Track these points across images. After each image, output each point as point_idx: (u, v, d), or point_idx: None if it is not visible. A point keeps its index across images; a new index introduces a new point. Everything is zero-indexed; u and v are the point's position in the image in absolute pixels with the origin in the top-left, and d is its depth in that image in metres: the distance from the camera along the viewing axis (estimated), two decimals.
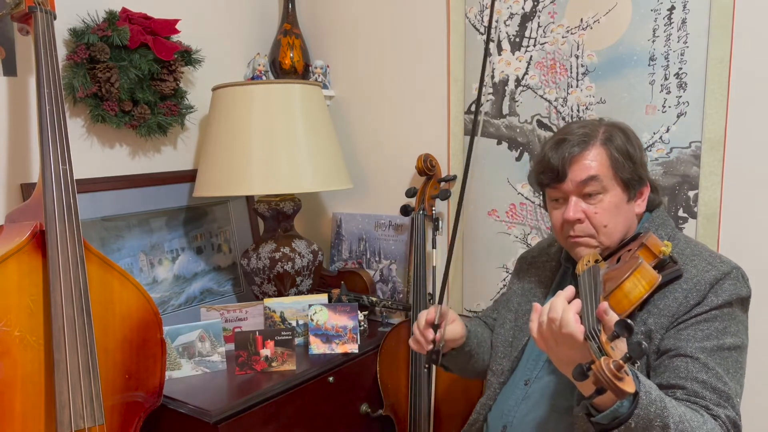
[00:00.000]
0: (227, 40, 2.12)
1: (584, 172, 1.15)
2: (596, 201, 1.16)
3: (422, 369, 1.75)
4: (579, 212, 1.16)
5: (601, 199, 1.16)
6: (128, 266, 1.77)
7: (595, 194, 1.16)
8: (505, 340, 1.35)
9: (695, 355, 1.04)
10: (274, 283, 1.89)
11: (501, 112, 1.80)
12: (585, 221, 1.17)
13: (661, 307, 1.09)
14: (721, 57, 1.45)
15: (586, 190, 1.15)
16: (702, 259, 1.13)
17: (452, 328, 1.29)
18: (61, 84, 1.34)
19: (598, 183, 1.15)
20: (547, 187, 1.21)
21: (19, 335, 1.21)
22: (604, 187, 1.15)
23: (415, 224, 1.87)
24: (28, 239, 1.24)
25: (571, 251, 1.22)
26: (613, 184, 1.16)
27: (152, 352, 1.42)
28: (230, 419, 1.44)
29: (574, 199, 1.17)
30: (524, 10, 1.72)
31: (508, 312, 1.39)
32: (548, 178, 1.19)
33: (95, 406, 1.25)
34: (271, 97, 1.78)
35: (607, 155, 1.15)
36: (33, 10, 1.35)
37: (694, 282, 1.09)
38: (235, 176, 1.76)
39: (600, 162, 1.15)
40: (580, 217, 1.16)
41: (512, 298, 1.40)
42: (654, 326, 1.09)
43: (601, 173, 1.15)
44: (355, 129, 2.18)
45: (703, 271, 1.10)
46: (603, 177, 1.15)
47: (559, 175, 1.16)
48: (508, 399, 1.28)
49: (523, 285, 1.40)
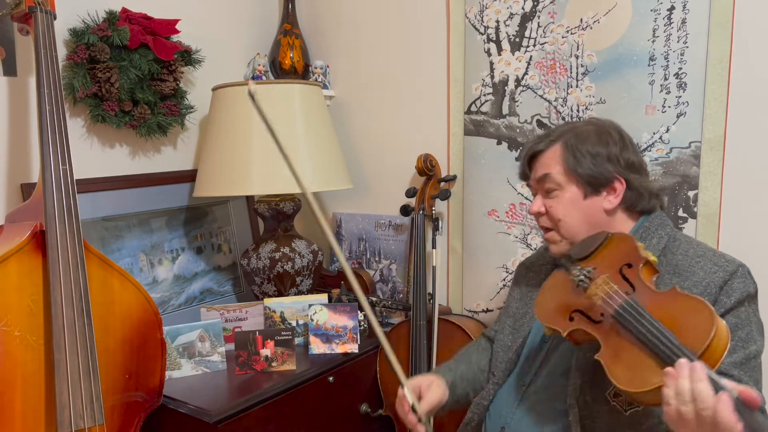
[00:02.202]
0: (227, 40, 2.12)
1: (540, 170, 1.24)
2: (553, 197, 1.23)
3: (422, 369, 1.75)
4: (540, 206, 1.25)
5: (556, 195, 1.22)
6: (128, 266, 1.78)
7: (552, 191, 1.23)
8: (505, 345, 1.36)
9: (729, 372, 1.03)
10: (274, 283, 1.89)
11: (501, 112, 1.80)
12: (545, 215, 1.25)
13: None
14: (721, 57, 1.45)
15: (544, 187, 1.24)
16: (707, 260, 1.13)
17: (431, 396, 1.26)
18: (61, 84, 1.34)
19: (552, 180, 1.22)
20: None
21: (19, 335, 1.21)
22: (558, 184, 1.21)
23: (415, 224, 1.87)
24: (28, 239, 1.24)
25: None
26: (566, 180, 1.21)
27: (152, 352, 1.42)
28: (230, 419, 1.44)
29: (539, 195, 1.26)
30: (524, 10, 1.72)
31: (507, 317, 1.40)
32: (520, 176, 1.32)
33: (95, 406, 1.25)
34: (271, 98, 1.78)
35: (563, 154, 1.21)
36: (33, 10, 1.35)
37: (703, 285, 1.09)
38: (235, 176, 1.76)
39: (554, 161, 1.22)
40: (540, 210, 1.25)
41: (511, 304, 1.42)
42: None
43: (553, 172, 1.21)
44: (355, 129, 2.18)
45: (710, 273, 1.10)
46: (555, 174, 1.21)
47: (524, 173, 1.29)
48: (506, 400, 1.28)
49: (521, 290, 1.41)
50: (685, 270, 1.13)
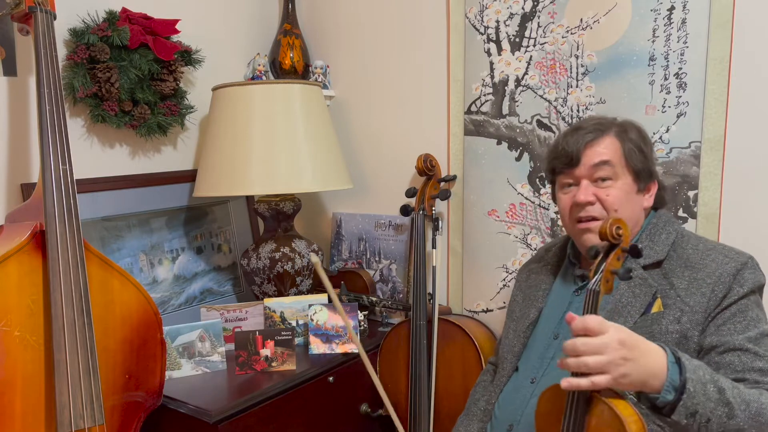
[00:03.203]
0: (227, 40, 2.12)
1: (597, 157, 1.18)
2: (607, 185, 1.18)
3: (422, 369, 1.75)
4: (590, 195, 1.18)
5: (611, 184, 1.18)
6: (128, 266, 1.78)
7: (607, 179, 1.18)
8: (511, 349, 1.35)
9: (744, 347, 1.07)
10: (274, 283, 1.89)
11: (501, 112, 1.80)
12: (596, 203, 1.19)
13: (691, 305, 1.12)
14: (721, 57, 1.45)
15: (598, 174, 1.18)
16: (718, 252, 1.16)
17: None
18: (61, 84, 1.34)
19: (610, 168, 1.18)
20: (560, 174, 1.24)
21: (19, 335, 1.21)
22: (615, 173, 1.18)
23: (415, 224, 1.87)
24: (28, 239, 1.24)
25: (579, 238, 1.23)
26: (624, 171, 1.19)
27: (152, 352, 1.42)
28: (230, 419, 1.44)
29: (585, 182, 1.19)
30: (524, 10, 1.72)
31: (510, 321, 1.41)
32: (562, 163, 1.22)
33: (95, 406, 1.25)
34: (271, 97, 1.78)
35: (620, 144, 1.19)
36: (33, 10, 1.35)
37: (717, 275, 1.12)
38: (235, 176, 1.76)
39: (613, 149, 1.19)
40: (591, 200, 1.18)
41: (514, 308, 1.42)
42: (689, 324, 1.11)
43: (613, 159, 1.18)
44: (355, 129, 2.18)
45: (722, 264, 1.14)
46: (615, 163, 1.18)
47: (573, 159, 1.19)
48: (514, 398, 1.28)
49: (523, 293, 1.42)
50: (697, 263, 1.16)
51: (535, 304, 1.35)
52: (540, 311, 1.34)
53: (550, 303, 1.34)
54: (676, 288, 1.15)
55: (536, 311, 1.34)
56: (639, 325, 1.14)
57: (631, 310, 1.16)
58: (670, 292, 1.15)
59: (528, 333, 1.33)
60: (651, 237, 1.22)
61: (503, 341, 1.41)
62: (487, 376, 1.52)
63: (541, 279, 1.38)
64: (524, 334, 1.33)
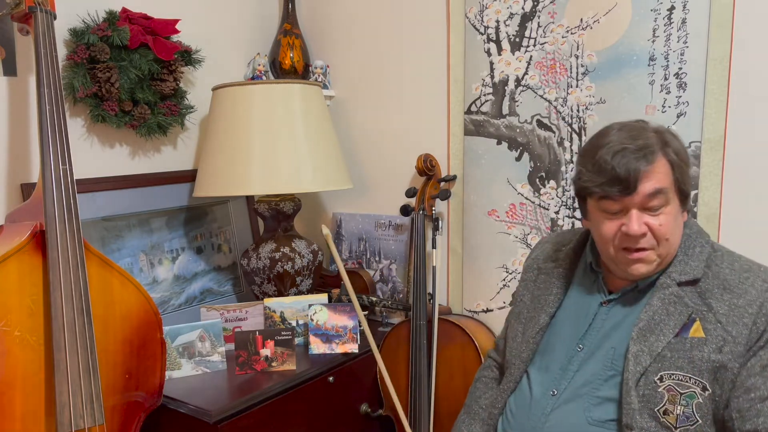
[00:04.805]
0: (227, 40, 2.12)
1: (653, 186, 1.08)
2: (658, 213, 1.10)
3: (422, 369, 1.75)
4: (643, 226, 1.10)
5: (662, 211, 1.10)
6: (128, 266, 1.78)
7: (659, 207, 1.10)
8: (519, 355, 1.29)
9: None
10: (274, 283, 1.90)
11: (501, 112, 1.80)
12: (647, 233, 1.11)
13: (734, 335, 1.06)
14: (720, 57, 1.45)
15: (651, 204, 1.09)
16: (755, 276, 1.11)
17: None
18: (61, 84, 1.34)
19: (664, 196, 1.10)
20: (604, 198, 1.12)
21: (19, 335, 1.21)
22: (667, 200, 1.10)
23: (415, 224, 1.87)
24: (29, 239, 1.24)
25: (626, 267, 1.15)
26: (674, 196, 1.11)
27: (152, 352, 1.42)
28: (230, 419, 1.45)
29: (635, 212, 1.10)
30: (524, 10, 1.72)
31: (518, 324, 1.34)
32: (616, 191, 1.09)
33: (95, 406, 1.25)
34: (271, 97, 1.78)
35: (670, 168, 1.11)
36: (33, 10, 1.35)
37: (758, 305, 1.07)
38: (235, 176, 1.76)
39: (665, 174, 1.10)
40: (645, 231, 1.10)
41: (522, 310, 1.35)
42: (730, 355, 1.05)
43: (666, 185, 1.10)
44: (355, 129, 2.18)
45: (763, 291, 1.08)
46: (668, 190, 1.10)
47: (630, 187, 1.08)
48: (532, 409, 1.22)
49: (531, 293, 1.35)
50: (736, 286, 1.10)
51: (546, 309, 1.28)
52: (551, 317, 1.27)
53: (568, 311, 1.26)
54: (715, 312, 1.08)
55: (547, 317, 1.27)
56: (675, 348, 1.08)
57: (664, 329, 1.10)
58: (708, 316, 1.08)
59: (538, 339, 1.27)
60: (685, 251, 1.15)
61: (510, 343, 1.34)
62: (488, 372, 1.46)
63: (552, 282, 1.30)
64: (534, 339, 1.27)
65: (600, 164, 1.11)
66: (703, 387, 1.06)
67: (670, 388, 1.07)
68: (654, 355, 1.09)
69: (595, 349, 1.18)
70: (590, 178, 1.12)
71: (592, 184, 1.12)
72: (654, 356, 1.09)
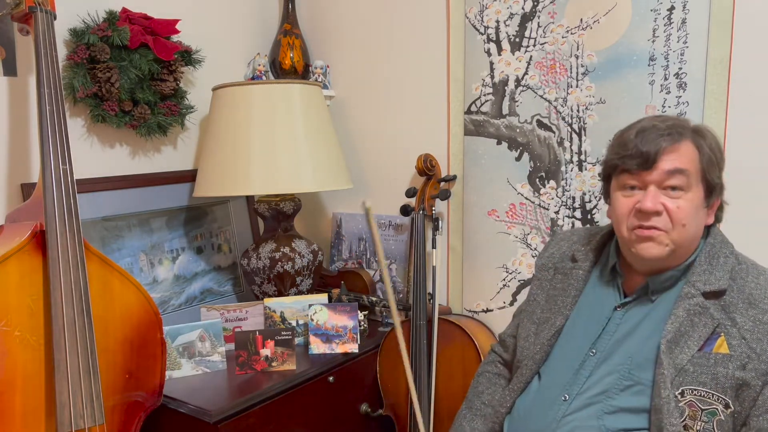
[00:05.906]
0: (227, 40, 2.12)
1: (674, 163, 1.07)
2: (677, 196, 1.07)
3: (422, 369, 1.75)
4: (658, 203, 1.07)
5: (682, 195, 1.07)
6: (128, 266, 1.78)
7: (678, 188, 1.07)
8: (532, 356, 1.25)
9: None
10: (274, 282, 1.90)
11: (501, 112, 1.80)
12: (663, 214, 1.08)
13: (758, 352, 1.03)
14: (720, 57, 1.45)
15: (670, 183, 1.07)
16: None
17: None
18: (61, 84, 1.34)
19: (685, 178, 1.07)
20: (623, 173, 1.12)
21: (20, 335, 1.21)
22: (689, 184, 1.07)
23: (415, 224, 1.87)
24: (29, 239, 1.24)
25: (634, 245, 1.11)
26: (698, 183, 1.09)
27: (152, 351, 1.42)
28: (230, 419, 1.45)
29: (653, 188, 1.08)
30: (524, 10, 1.72)
31: (531, 324, 1.30)
32: (635, 164, 1.08)
33: (95, 405, 1.25)
34: (271, 97, 1.78)
35: (697, 153, 1.09)
36: (33, 10, 1.35)
37: None
38: (235, 176, 1.76)
39: (691, 157, 1.08)
40: (659, 209, 1.07)
41: (535, 309, 1.31)
42: (753, 372, 1.03)
43: (690, 169, 1.07)
44: (355, 129, 2.18)
45: None
46: (691, 173, 1.07)
47: (649, 161, 1.07)
48: (543, 412, 1.19)
49: (546, 293, 1.31)
50: (761, 301, 1.07)
51: (563, 312, 1.24)
52: (567, 319, 1.24)
53: (582, 312, 1.23)
54: (739, 327, 1.05)
55: (563, 319, 1.23)
56: (699, 362, 1.05)
57: (688, 341, 1.06)
58: (732, 331, 1.05)
59: (552, 341, 1.23)
60: (710, 260, 1.12)
61: (522, 343, 1.29)
62: (492, 367, 1.43)
63: (570, 284, 1.26)
64: (548, 342, 1.23)
65: (625, 140, 1.11)
66: (726, 404, 1.03)
67: (692, 404, 1.04)
68: (678, 369, 1.05)
69: (608, 354, 1.15)
70: (614, 152, 1.13)
71: (614, 156, 1.13)
72: (678, 370, 1.05)
